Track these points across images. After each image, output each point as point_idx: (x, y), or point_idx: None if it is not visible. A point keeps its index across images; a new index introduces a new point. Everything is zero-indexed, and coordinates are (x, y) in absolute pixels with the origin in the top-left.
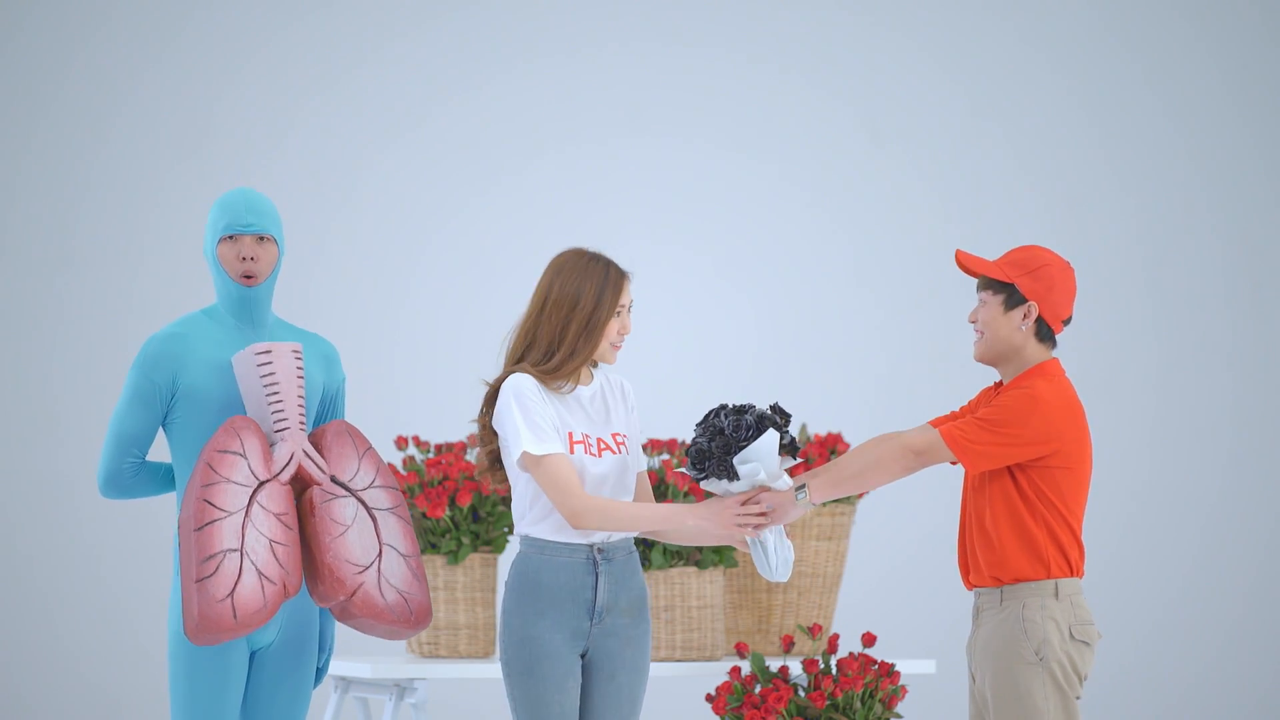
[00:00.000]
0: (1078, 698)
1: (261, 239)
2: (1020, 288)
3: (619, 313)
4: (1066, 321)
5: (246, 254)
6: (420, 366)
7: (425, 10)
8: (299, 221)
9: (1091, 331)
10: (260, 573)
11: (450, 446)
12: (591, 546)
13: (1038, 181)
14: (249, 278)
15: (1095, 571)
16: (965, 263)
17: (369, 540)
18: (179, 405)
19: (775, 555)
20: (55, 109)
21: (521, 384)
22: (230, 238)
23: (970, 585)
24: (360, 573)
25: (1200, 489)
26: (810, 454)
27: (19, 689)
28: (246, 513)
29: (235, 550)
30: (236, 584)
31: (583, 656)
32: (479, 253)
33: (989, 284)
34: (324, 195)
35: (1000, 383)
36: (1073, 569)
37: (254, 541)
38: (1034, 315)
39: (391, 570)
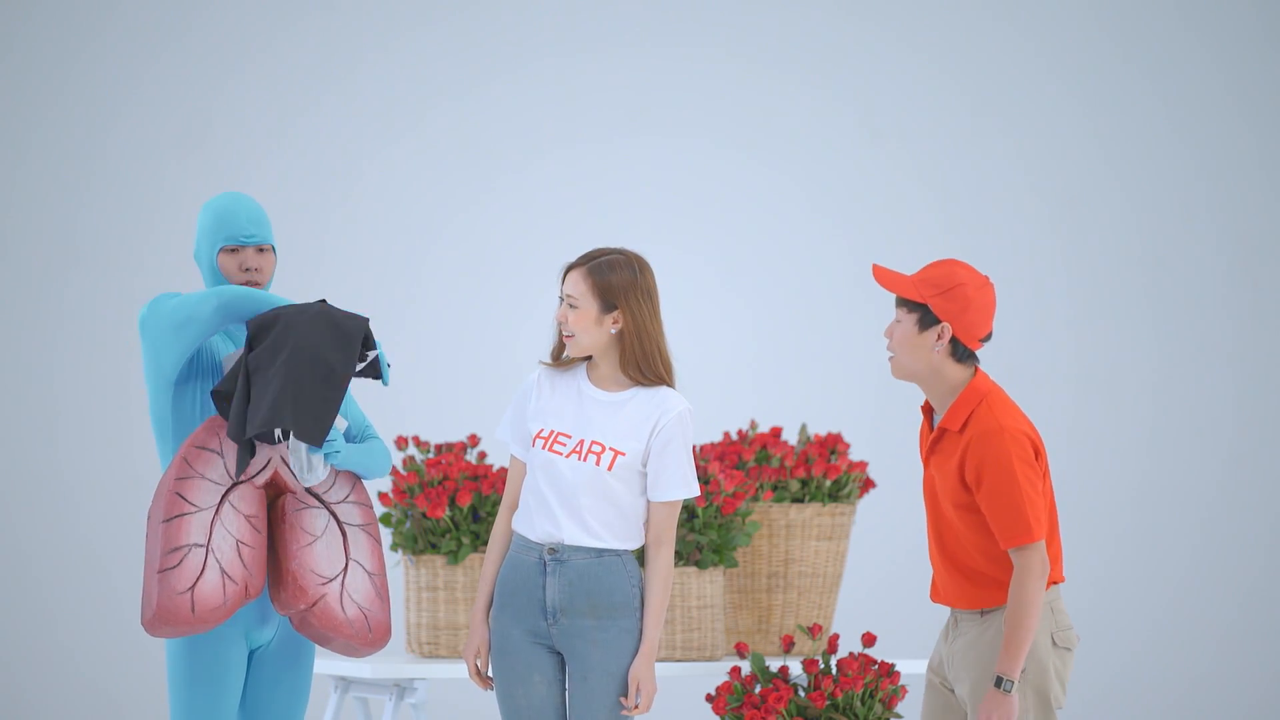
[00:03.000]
0: (1059, 707)
1: (261, 249)
2: (933, 308)
3: (560, 300)
4: (986, 338)
5: (250, 265)
6: (420, 367)
7: (425, 10)
8: (298, 221)
9: (1091, 331)
10: (223, 571)
11: (450, 446)
12: (542, 547)
13: (1038, 181)
14: (249, 285)
15: (1094, 571)
16: (881, 279)
17: (336, 553)
18: (176, 387)
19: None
20: (56, 109)
21: (526, 380)
22: (232, 249)
23: (947, 604)
24: (324, 584)
25: (1200, 489)
26: (810, 454)
27: (19, 689)
28: (217, 511)
29: (201, 546)
30: (199, 579)
31: (561, 654)
32: (479, 253)
33: (904, 301)
34: (324, 195)
35: (929, 404)
36: (1052, 579)
37: (221, 540)
38: (948, 336)
39: (355, 586)
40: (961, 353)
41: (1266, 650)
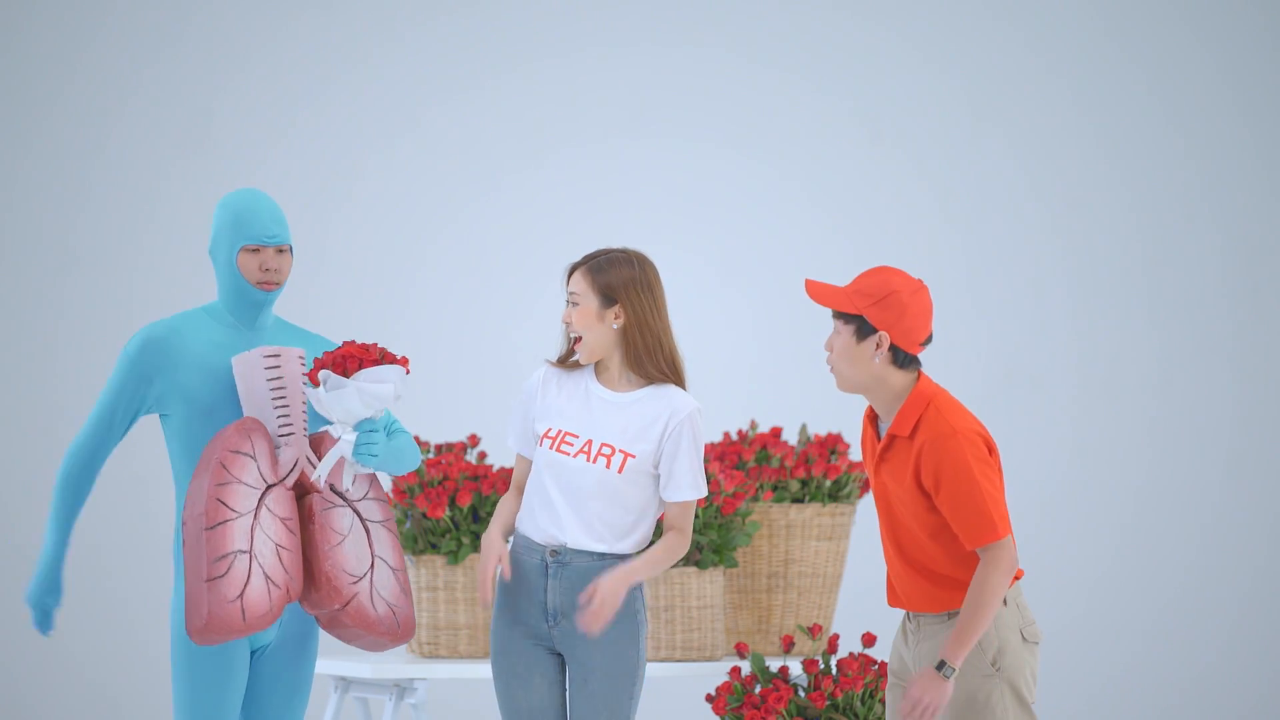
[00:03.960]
0: (1033, 702)
1: (281, 250)
2: (869, 318)
3: (567, 301)
4: (926, 342)
5: (270, 265)
6: (421, 367)
7: (426, 10)
8: (300, 222)
9: (1092, 331)
10: (267, 576)
11: (450, 446)
12: (545, 548)
13: (1038, 181)
14: (267, 284)
15: (1094, 571)
16: (813, 293)
17: (363, 551)
18: (171, 401)
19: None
20: (56, 109)
21: (528, 379)
22: (254, 249)
23: (907, 609)
24: (355, 583)
25: (1200, 489)
26: (810, 454)
27: (19, 689)
28: (255, 515)
29: (245, 552)
30: (246, 585)
31: (562, 655)
32: (480, 253)
33: (840, 313)
34: (324, 195)
35: (873, 411)
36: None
37: (261, 544)
38: (886, 344)
39: (382, 583)
40: (902, 359)
41: (1266, 650)
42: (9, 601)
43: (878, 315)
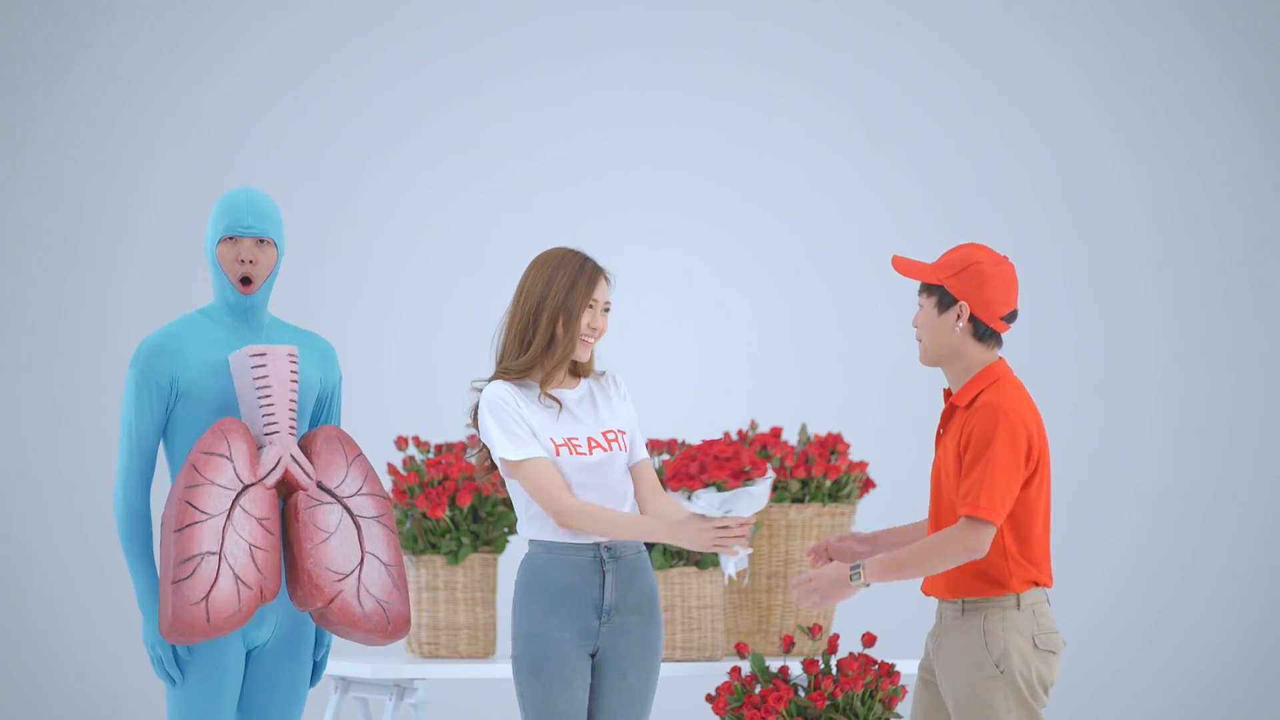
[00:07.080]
0: (1042, 707)
1: (261, 242)
2: (949, 288)
3: (591, 305)
4: (1009, 318)
5: (246, 256)
6: (420, 367)
7: (425, 12)
8: (299, 222)
9: (1091, 332)
10: (237, 577)
11: (450, 446)
12: (599, 545)
13: (1038, 181)
14: (246, 282)
15: (1094, 571)
16: (899, 267)
17: (351, 548)
18: (176, 403)
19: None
20: (56, 109)
21: (495, 394)
22: (230, 239)
23: (926, 593)
24: (339, 580)
25: (1200, 489)
26: (810, 454)
27: (19, 689)
28: (228, 516)
29: (214, 553)
30: (212, 588)
31: (592, 656)
32: (479, 253)
33: (924, 287)
34: (324, 196)
35: (948, 390)
36: (1036, 581)
37: (233, 545)
38: (966, 315)
39: (372, 579)
40: (983, 332)
41: (1266, 650)
42: (9, 601)
43: (958, 285)
